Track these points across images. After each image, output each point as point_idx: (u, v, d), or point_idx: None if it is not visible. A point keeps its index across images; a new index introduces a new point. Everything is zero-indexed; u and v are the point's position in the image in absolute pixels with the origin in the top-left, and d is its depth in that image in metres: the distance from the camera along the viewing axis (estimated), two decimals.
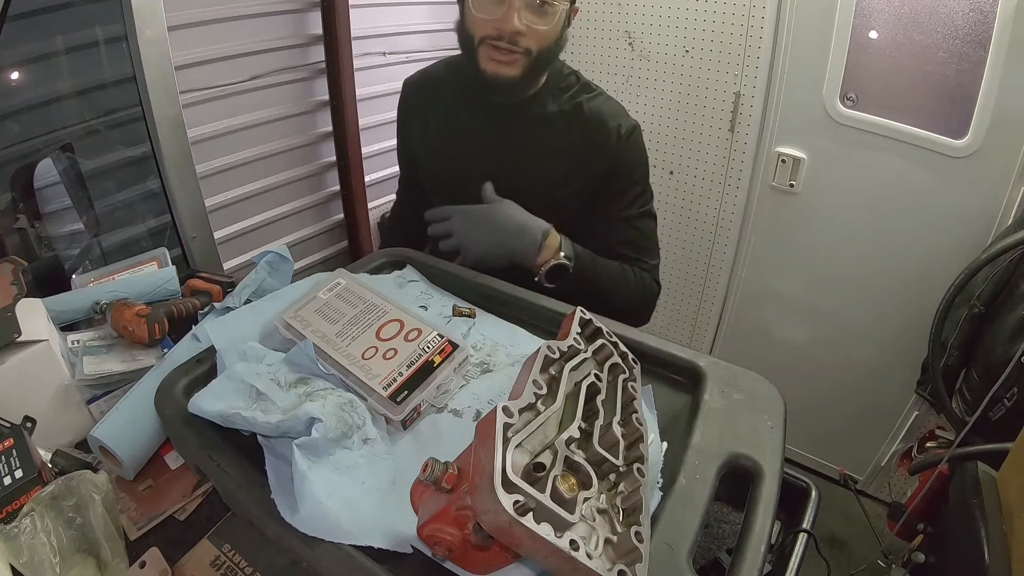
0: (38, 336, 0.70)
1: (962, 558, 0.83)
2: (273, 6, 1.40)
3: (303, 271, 1.60)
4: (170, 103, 1.21)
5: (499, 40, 0.81)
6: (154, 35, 1.14)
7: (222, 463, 0.53)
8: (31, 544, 0.53)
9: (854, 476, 1.77)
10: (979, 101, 1.30)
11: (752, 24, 1.52)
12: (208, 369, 0.64)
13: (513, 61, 0.83)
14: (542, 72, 0.89)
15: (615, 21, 1.71)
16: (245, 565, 0.60)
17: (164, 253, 1.01)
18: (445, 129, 0.98)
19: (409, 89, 1.05)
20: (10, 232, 1.09)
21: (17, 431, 0.61)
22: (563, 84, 0.94)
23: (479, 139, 0.95)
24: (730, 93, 1.62)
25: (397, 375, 0.59)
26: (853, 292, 1.64)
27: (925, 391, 1.35)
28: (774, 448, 0.56)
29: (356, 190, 1.70)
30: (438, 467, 0.44)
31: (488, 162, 0.94)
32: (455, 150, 0.98)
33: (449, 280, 0.83)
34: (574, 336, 0.56)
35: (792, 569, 0.62)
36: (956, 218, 1.42)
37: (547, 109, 0.92)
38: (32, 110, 1.13)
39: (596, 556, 0.39)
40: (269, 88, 1.45)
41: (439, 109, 0.99)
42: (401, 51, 1.71)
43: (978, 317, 1.21)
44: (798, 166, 1.59)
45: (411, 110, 1.05)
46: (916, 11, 1.33)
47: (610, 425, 0.49)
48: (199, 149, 1.32)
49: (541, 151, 0.93)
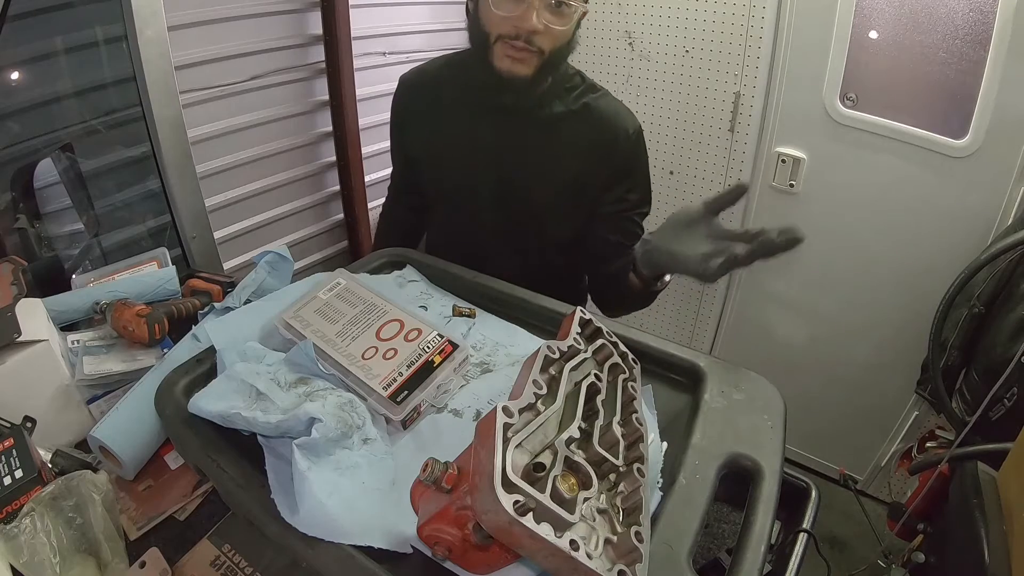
0: (38, 336, 0.70)
1: (962, 558, 0.82)
2: (273, 6, 1.40)
3: (303, 271, 1.60)
4: (170, 103, 1.21)
5: (516, 39, 0.80)
6: (154, 35, 1.14)
7: (222, 463, 0.53)
8: (31, 544, 0.53)
9: (854, 476, 1.77)
10: (979, 101, 1.30)
11: (752, 24, 1.52)
12: (208, 369, 0.64)
13: (526, 59, 0.83)
14: (552, 73, 0.88)
15: (615, 21, 1.71)
16: (245, 565, 0.61)
17: (164, 253, 1.01)
18: (449, 132, 0.96)
19: (406, 89, 1.02)
20: (10, 232, 1.09)
21: (17, 431, 0.61)
22: (569, 84, 0.93)
23: (486, 142, 0.94)
24: (730, 93, 1.62)
25: (397, 375, 0.59)
26: (853, 292, 1.64)
27: (925, 391, 1.35)
28: (774, 448, 0.56)
29: (356, 190, 1.70)
30: (438, 467, 0.44)
31: (497, 166, 0.94)
32: (461, 154, 0.96)
33: (449, 280, 0.83)
34: (574, 336, 0.56)
35: (792, 569, 0.61)
36: (956, 218, 1.42)
37: (554, 110, 0.92)
38: (32, 110, 1.13)
39: (596, 556, 0.39)
40: (269, 88, 1.45)
41: (441, 111, 0.97)
42: (401, 51, 1.71)
43: (978, 317, 1.21)
44: (798, 166, 1.59)
45: (410, 111, 1.02)
46: (916, 11, 1.33)
47: (610, 425, 0.49)
48: (199, 149, 1.32)
49: (550, 153, 0.92)
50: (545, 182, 0.93)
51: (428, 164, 1.02)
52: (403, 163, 1.11)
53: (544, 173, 0.93)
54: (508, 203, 0.94)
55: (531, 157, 0.93)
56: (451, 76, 0.98)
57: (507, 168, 0.93)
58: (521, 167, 0.93)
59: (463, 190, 0.93)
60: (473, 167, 0.95)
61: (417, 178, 1.05)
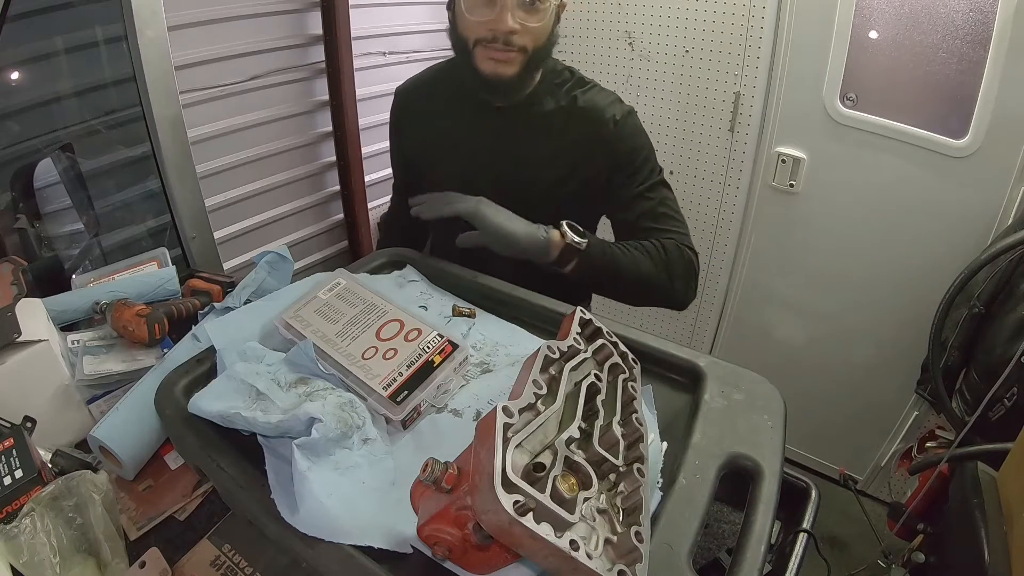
0: (38, 336, 0.70)
1: (962, 558, 0.82)
2: (273, 6, 1.40)
3: (303, 271, 1.60)
4: (170, 103, 1.21)
5: (494, 41, 0.81)
6: (154, 35, 1.14)
7: (222, 463, 0.53)
8: (31, 544, 0.53)
9: (854, 476, 1.77)
10: (979, 101, 1.30)
11: (752, 24, 1.52)
12: (208, 369, 0.64)
13: (510, 60, 0.83)
14: (537, 69, 0.89)
15: (615, 21, 1.71)
16: (245, 565, 0.61)
17: (164, 253, 1.01)
18: (446, 134, 0.98)
19: (402, 97, 1.04)
20: (10, 232, 1.09)
21: (17, 431, 0.61)
22: (558, 80, 0.94)
23: (482, 142, 0.95)
24: (730, 93, 1.62)
25: (397, 375, 0.59)
26: (853, 292, 1.64)
27: (925, 391, 1.35)
28: (774, 448, 0.56)
29: (356, 190, 1.70)
30: (438, 467, 0.44)
31: (491, 167, 0.94)
32: (458, 154, 0.97)
33: (449, 280, 0.83)
34: (574, 336, 0.56)
35: (792, 569, 0.61)
36: (956, 218, 1.42)
37: (545, 107, 0.92)
38: (32, 110, 1.13)
39: (596, 556, 0.39)
40: (269, 88, 1.45)
41: (437, 114, 0.98)
42: (401, 51, 1.71)
43: (978, 317, 1.21)
44: (798, 166, 1.59)
45: (406, 117, 1.04)
46: (916, 11, 1.33)
47: (610, 425, 0.49)
48: (199, 149, 1.32)
49: (542, 151, 0.93)
50: (541, 179, 0.93)
51: (427, 166, 1.03)
52: (403, 168, 1.12)
53: (540, 170, 0.93)
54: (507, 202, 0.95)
55: (526, 154, 0.93)
56: (444, 80, 0.99)
57: (504, 167, 0.94)
58: (517, 165, 0.94)
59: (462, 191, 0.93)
60: (470, 167, 0.96)
61: (417, 182, 1.06)
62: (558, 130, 0.92)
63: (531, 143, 0.93)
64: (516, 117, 0.92)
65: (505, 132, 0.93)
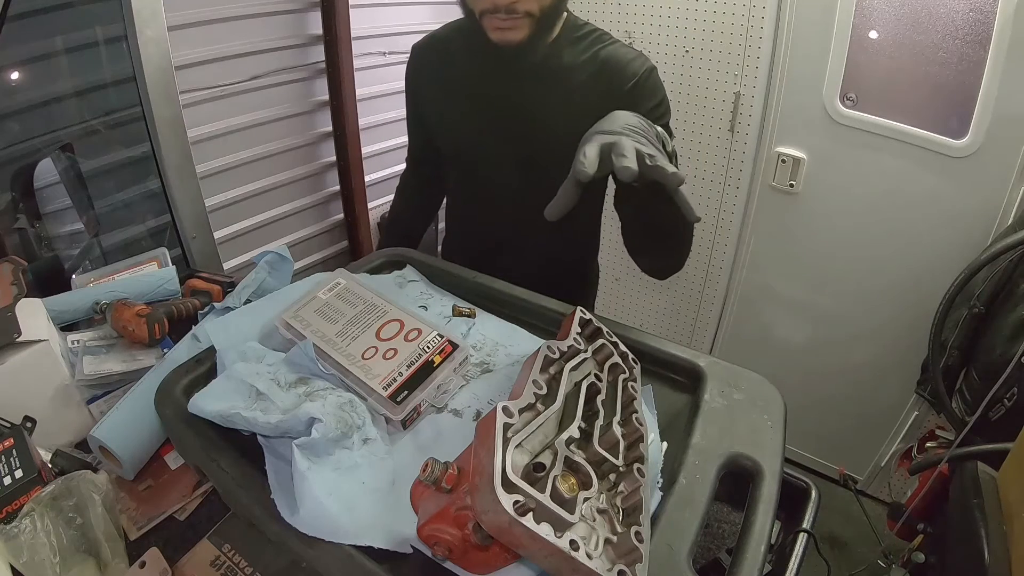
0: (38, 336, 0.70)
1: (962, 558, 0.82)
2: (273, 6, 1.40)
3: (303, 271, 1.60)
4: (170, 103, 1.21)
5: (496, 12, 0.80)
6: (154, 35, 1.14)
7: (222, 463, 0.53)
8: (31, 544, 0.53)
9: (854, 476, 1.77)
10: (979, 101, 1.30)
11: (752, 24, 1.52)
12: (208, 369, 0.64)
13: (517, 26, 0.82)
14: (550, 29, 0.87)
15: (615, 21, 1.71)
16: (245, 565, 0.61)
17: (164, 253, 1.01)
18: (462, 92, 0.96)
19: (419, 53, 1.02)
20: (10, 232, 1.09)
21: (17, 431, 0.61)
22: (579, 34, 0.92)
23: (497, 103, 0.93)
24: (730, 93, 1.62)
25: (397, 375, 0.59)
26: (853, 292, 1.64)
27: (925, 391, 1.35)
28: (774, 448, 0.56)
29: (356, 190, 1.70)
30: (438, 467, 0.44)
31: (508, 126, 0.93)
32: (475, 113, 0.95)
33: (449, 280, 0.83)
34: (574, 336, 0.56)
35: (792, 569, 0.61)
36: (956, 218, 1.42)
37: (564, 61, 0.90)
38: (32, 110, 1.13)
39: (596, 556, 0.39)
40: (269, 88, 1.45)
41: (452, 73, 0.97)
42: (401, 51, 1.71)
43: (978, 317, 1.21)
44: (798, 166, 1.59)
45: (422, 74, 1.02)
46: (916, 11, 1.33)
47: (610, 425, 0.49)
48: (199, 149, 1.32)
49: (561, 109, 0.91)
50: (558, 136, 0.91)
51: (443, 126, 1.01)
52: (419, 129, 1.10)
53: (557, 127, 0.91)
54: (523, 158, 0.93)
55: (543, 112, 0.92)
56: (460, 39, 0.97)
57: (520, 124, 0.92)
58: (534, 122, 0.92)
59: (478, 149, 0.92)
60: (487, 125, 0.94)
61: (433, 142, 1.04)
62: (576, 85, 0.90)
63: (548, 98, 0.91)
64: (534, 76, 0.90)
65: (523, 92, 0.91)
